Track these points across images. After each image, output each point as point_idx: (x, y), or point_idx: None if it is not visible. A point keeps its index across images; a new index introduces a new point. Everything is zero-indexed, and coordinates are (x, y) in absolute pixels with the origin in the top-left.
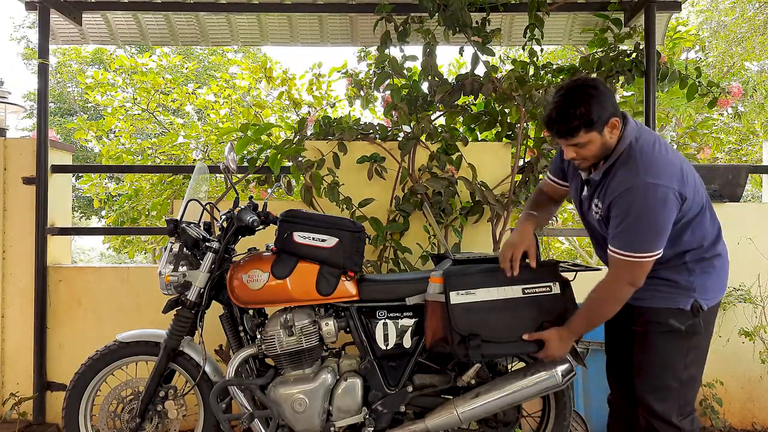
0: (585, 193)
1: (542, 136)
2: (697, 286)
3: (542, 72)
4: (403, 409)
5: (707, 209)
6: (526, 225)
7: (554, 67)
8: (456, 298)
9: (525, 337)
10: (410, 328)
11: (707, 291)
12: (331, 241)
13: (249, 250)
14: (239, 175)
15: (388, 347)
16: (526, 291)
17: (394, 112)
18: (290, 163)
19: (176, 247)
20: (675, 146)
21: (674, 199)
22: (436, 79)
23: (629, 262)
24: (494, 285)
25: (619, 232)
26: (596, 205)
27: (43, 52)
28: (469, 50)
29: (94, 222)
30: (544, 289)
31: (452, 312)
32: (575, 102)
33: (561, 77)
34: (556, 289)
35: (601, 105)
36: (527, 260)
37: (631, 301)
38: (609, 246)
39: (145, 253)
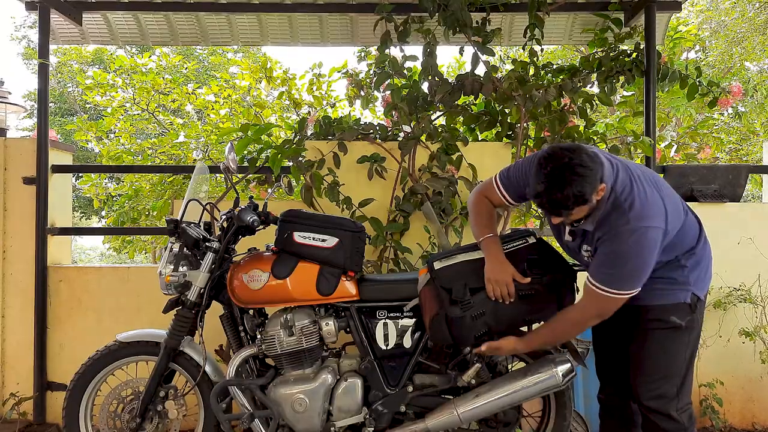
0: (570, 239)
1: (542, 136)
2: (692, 279)
3: (542, 72)
4: (403, 409)
5: (685, 212)
6: (498, 252)
7: (554, 67)
8: (439, 264)
9: (483, 348)
10: (410, 328)
11: (700, 281)
12: (331, 241)
13: (249, 250)
14: (239, 175)
15: (389, 347)
16: (505, 248)
17: (394, 112)
18: (290, 163)
19: (176, 247)
20: (675, 146)
21: (660, 237)
22: (437, 79)
23: (605, 296)
24: (472, 250)
25: (603, 268)
26: (586, 250)
27: (43, 52)
28: (470, 50)
29: (95, 222)
30: (521, 243)
31: (438, 276)
32: (567, 183)
33: (561, 77)
34: (531, 240)
35: (592, 182)
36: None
37: (629, 300)
38: (588, 277)
39: (145, 253)
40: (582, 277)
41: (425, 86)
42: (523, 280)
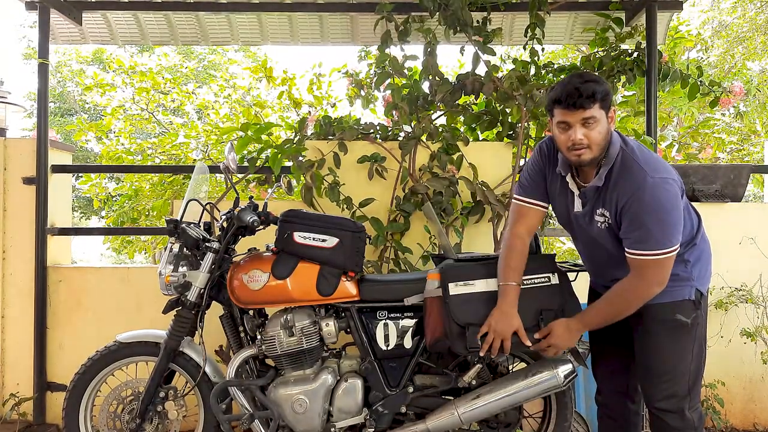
0: (580, 208)
1: (543, 135)
2: (695, 274)
3: (543, 71)
4: (403, 409)
5: (687, 197)
6: (511, 303)
7: (555, 66)
8: (455, 289)
9: (536, 335)
10: (411, 329)
11: (702, 276)
12: (331, 241)
13: (249, 250)
14: (239, 175)
15: (389, 348)
16: (524, 282)
17: (394, 112)
18: (290, 163)
19: (176, 248)
20: (676, 146)
21: (678, 191)
22: (437, 78)
23: (654, 260)
24: (493, 276)
25: (638, 234)
26: (601, 215)
27: (43, 52)
28: (470, 50)
29: (94, 222)
30: (542, 280)
31: (451, 303)
32: (589, 77)
33: (562, 76)
34: (554, 279)
35: (610, 90)
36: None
37: None
38: (629, 250)
39: (145, 253)
40: (580, 280)
41: (426, 86)
42: (525, 342)
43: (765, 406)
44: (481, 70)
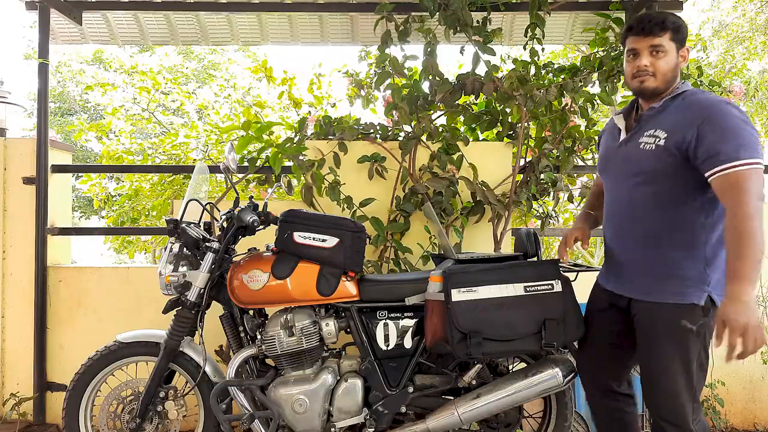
0: (623, 137)
1: (543, 135)
2: (711, 279)
3: (543, 71)
4: (403, 409)
5: None
6: (582, 219)
7: (556, 66)
8: (457, 295)
9: (714, 341)
10: (411, 329)
11: (720, 285)
12: (331, 241)
13: (249, 250)
14: (239, 175)
15: (389, 348)
16: (527, 289)
17: (394, 112)
18: (291, 163)
19: (176, 248)
20: None
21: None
22: (437, 78)
23: (750, 171)
24: (496, 282)
25: (719, 146)
26: (651, 135)
27: (43, 52)
28: (470, 50)
29: (94, 222)
30: (546, 287)
31: (453, 310)
32: (666, 12)
33: (562, 77)
34: (557, 287)
35: (684, 26)
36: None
37: (635, 295)
38: (714, 170)
39: (145, 253)
40: (580, 280)
41: (426, 86)
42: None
43: (765, 406)
44: (481, 70)
